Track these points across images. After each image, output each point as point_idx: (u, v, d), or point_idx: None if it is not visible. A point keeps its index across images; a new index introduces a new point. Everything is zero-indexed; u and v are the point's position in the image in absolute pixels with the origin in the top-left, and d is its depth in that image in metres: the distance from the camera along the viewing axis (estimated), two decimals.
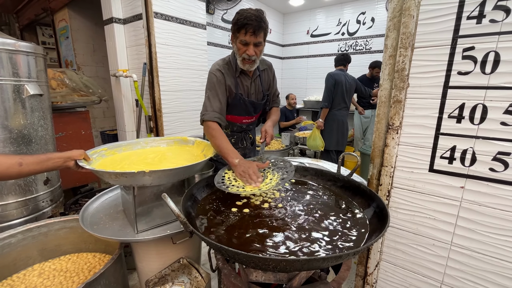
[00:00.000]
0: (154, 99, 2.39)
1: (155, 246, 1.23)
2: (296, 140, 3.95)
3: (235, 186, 1.06)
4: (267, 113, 1.65)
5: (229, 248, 0.66)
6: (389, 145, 1.18)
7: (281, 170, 1.16)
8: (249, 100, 1.48)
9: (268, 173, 1.18)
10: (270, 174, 1.16)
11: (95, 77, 3.86)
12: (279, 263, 0.64)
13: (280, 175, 1.12)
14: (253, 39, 1.27)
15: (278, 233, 0.87)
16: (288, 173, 1.11)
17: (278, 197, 1.12)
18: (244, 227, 0.91)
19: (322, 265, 0.68)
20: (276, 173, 1.15)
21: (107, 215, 1.26)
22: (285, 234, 0.86)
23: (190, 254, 1.33)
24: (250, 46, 1.30)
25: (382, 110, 1.20)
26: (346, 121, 3.29)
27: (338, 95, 3.14)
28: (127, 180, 0.99)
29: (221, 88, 1.39)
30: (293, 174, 1.08)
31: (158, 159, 1.28)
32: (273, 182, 1.06)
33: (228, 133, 1.62)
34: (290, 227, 0.91)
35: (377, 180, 1.27)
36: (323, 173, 1.31)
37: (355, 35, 4.94)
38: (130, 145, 1.43)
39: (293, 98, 4.64)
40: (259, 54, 1.34)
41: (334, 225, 0.92)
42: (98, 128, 4.07)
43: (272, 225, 0.92)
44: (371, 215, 0.97)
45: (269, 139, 1.33)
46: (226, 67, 1.42)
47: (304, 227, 0.91)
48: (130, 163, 1.21)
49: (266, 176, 1.16)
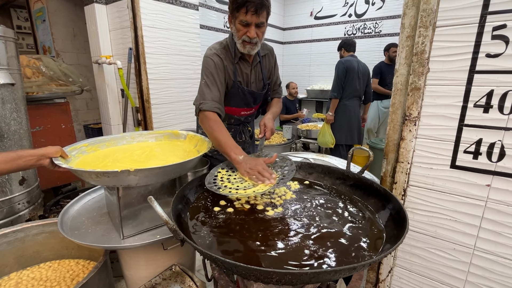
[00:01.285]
0: (142, 89, 2.35)
1: (144, 253, 1.21)
2: (299, 133, 3.91)
3: (227, 188, 1.02)
4: (267, 104, 1.61)
5: (226, 260, 0.63)
6: (405, 138, 1.14)
7: (280, 169, 1.13)
8: (249, 90, 1.44)
9: None
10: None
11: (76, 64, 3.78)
12: (284, 276, 0.61)
13: (279, 174, 1.09)
14: (255, 19, 1.21)
15: (282, 240, 0.84)
16: (289, 172, 1.07)
17: (288, 199, 1.09)
18: (243, 234, 0.88)
19: (333, 278, 0.65)
20: (274, 172, 1.11)
21: (90, 219, 1.23)
22: (289, 241, 0.84)
23: (183, 260, 1.31)
24: (252, 27, 1.24)
25: (398, 98, 1.15)
26: (358, 112, 3.24)
27: (349, 84, 3.08)
28: (110, 180, 0.96)
29: (220, 75, 1.33)
30: (294, 173, 1.04)
31: (146, 155, 1.25)
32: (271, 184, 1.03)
33: (225, 126, 1.57)
34: (295, 233, 0.88)
35: (391, 177, 1.24)
36: (330, 171, 1.28)
37: (363, 16, 4.85)
38: (115, 140, 1.40)
39: (294, 87, 4.59)
40: (261, 36, 1.29)
41: (345, 231, 0.89)
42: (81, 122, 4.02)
43: (275, 232, 0.89)
44: (387, 218, 0.94)
45: (269, 134, 1.29)
46: (224, 51, 1.37)
47: (312, 233, 0.88)
48: (114, 160, 1.18)
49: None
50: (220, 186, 1.03)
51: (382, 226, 0.91)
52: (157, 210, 0.76)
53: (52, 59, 2.32)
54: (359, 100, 3.26)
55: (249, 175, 1.06)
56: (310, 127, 3.93)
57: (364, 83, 3.20)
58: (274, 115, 1.44)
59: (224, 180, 1.09)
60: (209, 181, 1.05)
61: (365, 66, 3.23)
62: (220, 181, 1.08)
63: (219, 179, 1.09)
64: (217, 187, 1.02)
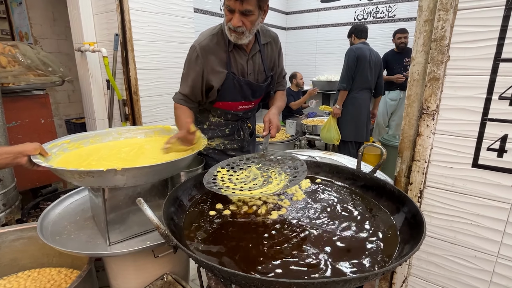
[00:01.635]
0: (129, 80, 2.34)
1: (132, 261, 1.21)
2: (303, 129, 3.91)
3: (229, 188, 1.02)
4: (271, 97, 1.60)
5: (224, 268, 0.63)
6: (422, 134, 1.14)
7: (291, 169, 1.13)
8: (246, 80, 1.43)
9: (273, 173, 1.14)
10: (275, 175, 1.12)
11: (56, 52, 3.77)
12: (288, 286, 0.61)
13: (288, 176, 1.08)
14: (238, 5, 1.19)
15: (286, 247, 0.84)
16: (299, 174, 1.07)
17: (298, 200, 1.09)
18: (242, 239, 0.88)
19: None
20: (283, 173, 1.11)
21: (72, 223, 1.23)
22: (294, 248, 0.83)
23: (176, 269, 1.31)
24: (235, 14, 1.22)
25: (415, 90, 1.15)
26: (368, 106, 3.23)
27: (360, 74, 3.07)
28: (94, 180, 0.96)
29: (195, 70, 1.37)
30: (305, 175, 1.04)
31: (134, 153, 1.25)
32: (281, 185, 1.03)
33: (222, 122, 1.58)
34: (300, 238, 0.88)
35: (406, 177, 1.24)
36: (339, 170, 1.28)
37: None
38: (100, 136, 1.40)
39: (301, 78, 4.58)
40: (250, 26, 1.26)
41: (357, 236, 0.89)
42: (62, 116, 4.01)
43: (278, 237, 0.89)
44: (401, 223, 0.94)
45: (274, 131, 1.28)
46: (214, 39, 1.36)
47: (320, 239, 0.88)
48: (99, 158, 1.18)
49: (270, 176, 1.12)
50: (221, 187, 1.03)
51: (397, 231, 0.91)
52: (147, 214, 0.76)
53: (29, 46, 2.31)
54: (370, 93, 3.25)
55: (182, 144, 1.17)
56: (316, 122, 3.92)
57: (376, 73, 3.19)
58: (279, 110, 1.43)
59: (225, 180, 1.09)
60: (208, 181, 1.05)
61: (378, 55, 3.22)
62: (221, 181, 1.08)
63: (219, 179, 1.09)
64: (218, 187, 1.01)
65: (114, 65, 2.39)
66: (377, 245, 0.85)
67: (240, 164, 1.20)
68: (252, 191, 1.00)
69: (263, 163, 1.21)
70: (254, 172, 1.16)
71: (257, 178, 1.11)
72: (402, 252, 0.80)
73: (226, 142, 1.61)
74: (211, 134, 1.59)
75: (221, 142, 1.61)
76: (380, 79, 3.30)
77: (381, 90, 3.38)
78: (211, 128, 1.58)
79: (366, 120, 3.22)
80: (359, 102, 3.15)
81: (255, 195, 0.98)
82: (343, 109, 3.20)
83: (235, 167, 1.18)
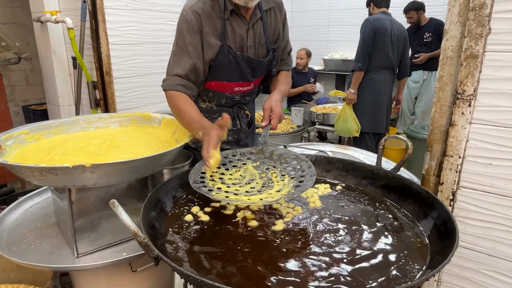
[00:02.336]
0: (100, 57, 2.33)
1: (106, 276, 1.22)
2: (312, 118, 3.91)
3: (222, 191, 1.02)
4: (273, 79, 1.59)
5: (215, 284, 0.64)
6: (456, 124, 1.14)
7: (296, 172, 1.13)
8: (244, 56, 1.42)
9: (274, 174, 1.14)
10: (277, 177, 1.12)
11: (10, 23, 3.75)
12: None
13: (293, 180, 1.09)
14: None
15: (292, 260, 0.85)
16: (306, 179, 1.07)
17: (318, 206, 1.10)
18: (237, 249, 0.88)
19: None
20: (286, 176, 1.11)
21: (33, 231, 1.24)
22: (302, 261, 0.84)
23: (158, 285, 1.32)
24: None
25: (448, 70, 1.15)
26: (390, 90, 3.23)
27: (379, 51, 3.06)
28: (58, 179, 0.96)
29: (194, 39, 1.33)
30: (314, 181, 1.04)
31: (107, 146, 1.26)
32: (283, 191, 1.03)
33: (214, 108, 1.58)
34: (310, 250, 0.89)
35: (436, 176, 1.25)
36: (355, 167, 1.29)
37: None
38: (64, 126, 1.40)
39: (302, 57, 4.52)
40: None
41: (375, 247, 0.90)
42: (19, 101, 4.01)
43: (283, 249, 0.90)
44: (429, 230, 0.95)
45: (275, 122, 1.28)
46: (208, 2, 1.35)
47: (331, 250, 0.89)
48: (63, 153, 1.18)
49: (270, 179, 1.12)
50: (211, 188, 1.03)
51: (426, 240, 0.92)
52: (122, 218, 0.76)
53: None
54: (392, 74, 3.24)
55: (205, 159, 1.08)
56: (328, 110, 3.92)
57: (399, 50, 3.18)
58: (283, 95, 1.43)
59: (216, 179, 1.09)
60: (194, 179, 1.05)
61: (402, 27, 3.20)
62: (211, 180, 1.08)
63: (209, 178, 1.09)
64: (208, 189, 1.01)
65: (81, 39, 2.38)
66: (400, 255, 0.86)
67: (233, 161, 1.20)
68: (250, 196, 1.00)
69: (261, 160, 1.22)
70: (251, 171, 1.16)
71: (254, 179, 1.12)
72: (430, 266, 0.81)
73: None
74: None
75: None
76: (405, 57, 3.30)
77: (406, 71, 3.38)
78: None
79: (386, 107, 3.23)
80: (378, 85, 3.15)
81: (254, 203, 0.98)
82: (358, 94, 3.20)
83: (227, 164, 1.18)
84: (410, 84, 4.25)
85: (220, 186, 1.06)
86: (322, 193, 1.20)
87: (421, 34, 4.04)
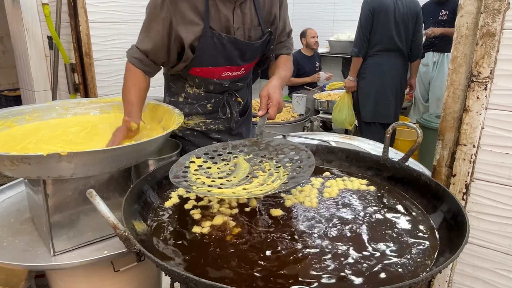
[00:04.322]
0: (79, 36, 2.32)
1: (85, 276, 1.23)
2: (316, 106, 3.92)
3: (205, 185, 1.03)
4: (272, 64, 1.60)
5: (200, 280, 0.64)
6: (470, 110, 1.16)
7: (293, 163, 1.14)
8: (230, 37, 1.43)
9: (267, 164, 1.15)
10: (270, 168, 1.13)
11: None
12: None
13: (288, 171, 1.10)
14: None
15: (289, 251, 0.87)
16: (304, 169, 1.08)
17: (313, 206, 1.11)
18: (231, 244, 0.90)
19: None
20: (281, 167, 1.13)
21: (5, 227, 1.25)
22: (298, 252, 0.86)
23: (143, 286, 1.34)
24: None
25: (462, 50, 1.16)
26: (398, 75, 3.23)
27: (380, 32, 3.07)
28: (32, 169, 0.97)
29: (157, 20, 1.38)
30: (312, 171, 1.05)
31: (86, 134, 1.27)
32: (275, 184, 1.04)
33: (202, 94, 1.59)
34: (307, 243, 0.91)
35: (448, 168, 1.26)
36: (359, 157, 1.31)
37: None
38: (39, 111, 1.41)
39: (314, 35, 4.53)
40: None
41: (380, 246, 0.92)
42: None
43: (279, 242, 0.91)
44: (438, 225, 0.97)
45: (273, 110, 1.28)
46: None
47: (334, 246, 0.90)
48: (38, 141, 1.19)
49: (262, 169, 1.13)
50: (193, 182, 1.03)
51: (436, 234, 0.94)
52: (100, 209, 0.77)
53: None
54: (401, 56, 3.24)
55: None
56: (333, 97, 3.93)
57: (407, 29, 3.17)
58: (283, 81, 1.43)
59: (201, 174, 1.10)
60: (175, 174, 1.06)
61: (411, 3, 3.18)
62: (194, 174, 1.09)
63: (192, 172, 1.10)
64: (188, 184, 1.02)
65: (58, 16, 2.37)
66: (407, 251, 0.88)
67: (223, 154, 1.20)
68: (235, 188, 1.02)
69: (255, 152, 1.22)
70: (242, 165, 1.16)
71: (244, 172, 1.12)
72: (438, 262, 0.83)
73: (209, 121, 1.64)
74: (189, 110, 1.60)
75: (201, 121, 1.62)
76: (417, 37, 3.28)
77: (418, 52, 3.36)
78: (188, 102, 1.60)
79: (395, 93, 3.24)
80: (382, 70, 3.16)
81: (239, 196, 0.99)
82: (360, 81, 3.22)
83: (215, 157, 1.19)
84: (420, 67, 4.21)
85: (204, 180, 1.06)
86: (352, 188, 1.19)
87: (437, 11, 4.01)
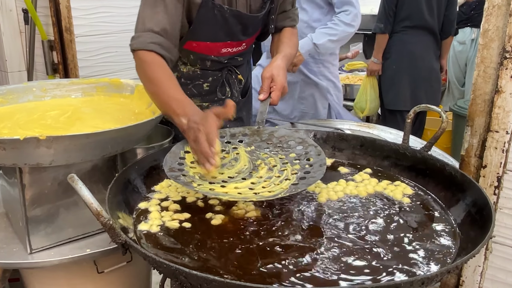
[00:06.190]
0: (58, 9, 2.28)
1: (65, 277, 1.24)
2: None
3: (206, 182, 1.03)
4: (275, 39, 1.60)
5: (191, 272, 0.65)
6: (503, 91, 1.14)
7: (300, 159, 1.14)
8: (233, 10, 1.42)
9: (271, 160, 1.15)
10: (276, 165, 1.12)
11: None
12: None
13: (297, 169, 1.10)
14: None
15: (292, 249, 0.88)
16: (314, 169, 1.08)
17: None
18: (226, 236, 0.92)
19: None
20: (288, 165, 1.12)
21: None
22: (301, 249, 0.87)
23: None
24: None
25: (494, 22, 1.14)
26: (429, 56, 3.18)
27: (407, 7, 3.05)
28: (6, 154, 0.97)
29: None
30: (323, 172, 1.05)
31: (67, 119, 1.27)
32: (283, 185, 1.03)
33: (197, 72, 1.59)
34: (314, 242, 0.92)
35: (477, 158, 1.25)
36: (376, 146, 1.30)
37: None
38: (14, 93, 1.41)
39: None
40: None
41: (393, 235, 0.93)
42: None
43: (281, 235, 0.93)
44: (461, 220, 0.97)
45: (277, 95, 1.27)
46: None
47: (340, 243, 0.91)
48: (13, 125, 1.20)
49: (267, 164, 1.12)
50: (192, 178, 1.04)
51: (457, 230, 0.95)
52: (82, 194, 0.78)
53: None
54: (431, 34, 3.18)
55: (194, 152, 1.05)
56: (352, 80, 3.84)
57: (440, 3, 3.11)
58: (288, 60, 1.42)
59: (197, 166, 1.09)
60: (170, 166, 1.06)
61: None
62: (191, 167, 1.09)
63: (189, 164, 1.10)
64: (189, 179, 1.03)
65: None
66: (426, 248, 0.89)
67: (221, 143, 1.20)
68: (241, 188, 1.02)
69: (257, 144, 1.22)
70: (243, 158, 1.16)
71: (246, 167, 1.12)
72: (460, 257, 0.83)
73: (206, 104, 1.64)
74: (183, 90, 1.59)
75: (197, 104, 1.61)
76: (451, 11, 3.21)
77: (450, 28, 3.29)
78: (181, 82, 1.60)
79: (425, 76, 3.18)
80: (410, 49, 3.13)
81: (246, 198, 0.99)
82: (384, 61, 3.18)
83: None
84: (455, 46, 4.16)
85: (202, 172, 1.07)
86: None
87: None
